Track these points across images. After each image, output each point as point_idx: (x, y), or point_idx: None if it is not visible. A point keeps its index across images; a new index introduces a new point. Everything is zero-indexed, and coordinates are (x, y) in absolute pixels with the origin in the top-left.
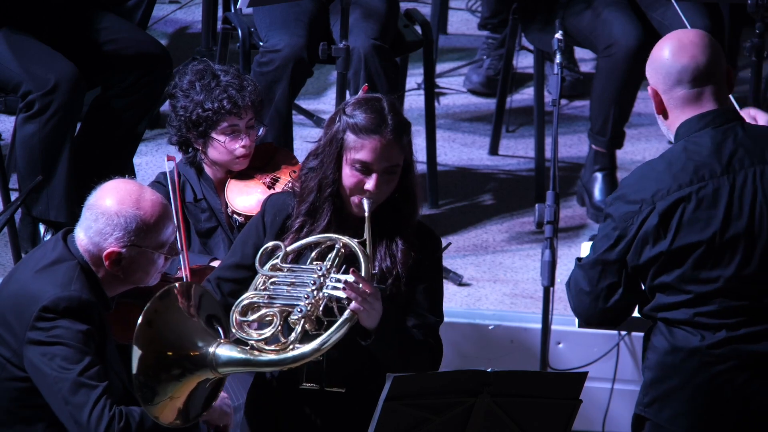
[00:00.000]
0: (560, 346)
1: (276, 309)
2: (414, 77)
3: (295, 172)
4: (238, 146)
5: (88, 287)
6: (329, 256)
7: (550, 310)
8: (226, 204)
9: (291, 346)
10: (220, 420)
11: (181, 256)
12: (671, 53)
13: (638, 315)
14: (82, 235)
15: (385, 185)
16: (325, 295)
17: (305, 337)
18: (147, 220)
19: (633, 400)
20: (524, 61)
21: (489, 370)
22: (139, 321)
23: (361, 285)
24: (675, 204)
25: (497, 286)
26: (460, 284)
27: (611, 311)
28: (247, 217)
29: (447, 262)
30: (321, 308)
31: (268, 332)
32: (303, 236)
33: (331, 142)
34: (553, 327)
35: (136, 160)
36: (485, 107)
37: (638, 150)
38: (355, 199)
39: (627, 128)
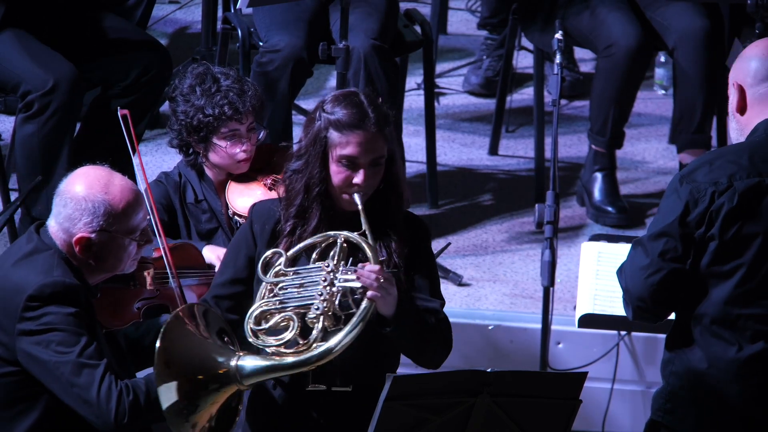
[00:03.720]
0: (560, 346)
1: (291, 312)
2: (414, 77)
3: None
4: (239, 151)
5: (71, 273)
6: (331, 253)
7: (550, 310)
8: (227, 205)
9: (314, 345)
10: None
11: (158, 237)
12: (765, 50)
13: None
14: (53, 223)
15: (372, 178)
16: (339, 289)
17: (325, 335)
18: (116, 205)
19: (633, 401)
20: (524, 61)
21: (489, 370)
22: (157, 358)
23: (374, 272)
24: (756, 188)
25: (497, 286)
26: (460, 284)
27: (666, 289)
28: None
29: (447, 262)
30: (336, 303)
31: (288, 336)
32: (296, 239)
33: (314, 142)
34: (553, 327)
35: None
36: (485, 107)
37: (638, 150)
38: (345, 195)
39: (627, 128)
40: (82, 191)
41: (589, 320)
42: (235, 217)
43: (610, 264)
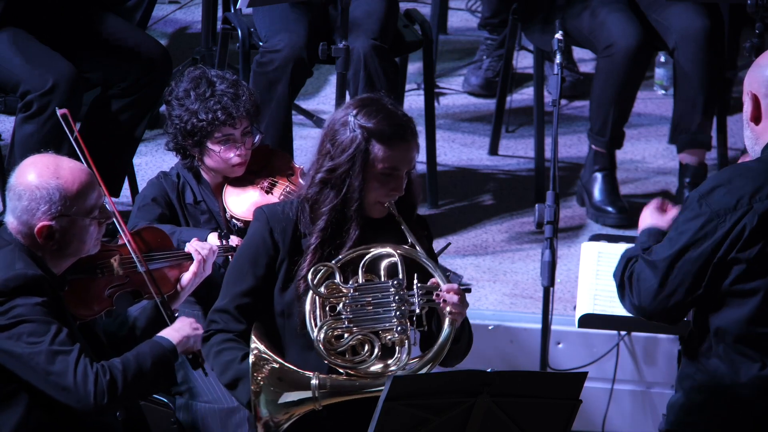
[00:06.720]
0: (560, 346)
1: (367, 332)
2: (414, 77)
3: (293, 175)
4: (233, 155)
5: (34, 264)
6: (382, 266)
7: (549, 310)
8: (225, 209)
9: (397, 366)
10: (195, 345)
11: (119, 225)
12: None
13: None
14: (11, 218)
15: (405, 184)
16: (416, 308)
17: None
18: (69, 188)
19: (633, 401)
20: (524, 62)
21: (489, 370)
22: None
23: (452, 292)
24: None
25: (497, 286)
26: (460, 284)
27: (681, 307)
28: (246, 222)
29: (447, 262)
30: (413, 322)
31: (370, 358)
32: (326, 254)
33: (354, 156)
34: (553, 327)
35: (136, 160)
36: (485, 107)
37: (638, 150)
38: (379, 204)
39: (627, 128)
40: (34, 181)
41: (589, 320)
42: (233, 220)
43: (610, 264)
